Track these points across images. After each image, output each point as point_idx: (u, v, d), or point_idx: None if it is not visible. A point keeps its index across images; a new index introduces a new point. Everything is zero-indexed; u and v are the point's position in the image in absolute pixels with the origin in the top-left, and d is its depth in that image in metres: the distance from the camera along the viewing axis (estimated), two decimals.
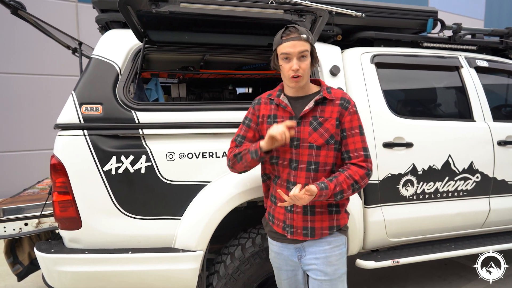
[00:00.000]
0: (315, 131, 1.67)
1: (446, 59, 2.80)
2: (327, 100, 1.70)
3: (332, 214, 1.73)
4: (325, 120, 1.68)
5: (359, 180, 1.64)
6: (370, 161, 1.68)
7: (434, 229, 2.66)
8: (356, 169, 1.64)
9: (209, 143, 2.13)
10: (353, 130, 1.68)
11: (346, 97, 1.71)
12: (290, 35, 1.63)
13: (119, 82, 2.08)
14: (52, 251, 1.98)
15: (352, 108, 1.69)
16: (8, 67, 6.10)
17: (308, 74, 1.68)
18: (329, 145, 1.67)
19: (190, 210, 2.07)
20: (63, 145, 1.96)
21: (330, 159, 1.69)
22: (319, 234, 1.71)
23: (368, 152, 1.69)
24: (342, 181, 1.61)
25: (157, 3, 1.88)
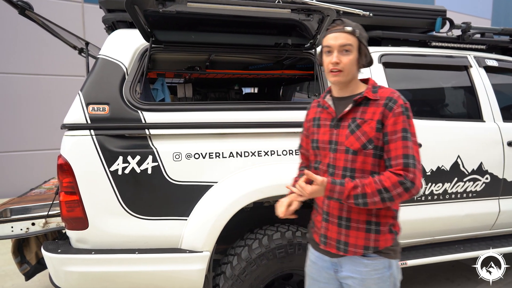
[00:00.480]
0: (352, 134, 1.50)
1: (455, 59, 2.77)
2: (371, 100, 1.50)
3: (370, 233, 1.49)
4: (364, 122, 1.49)
5: (390, 187, 1.38)
6: (412, 171, 1.39)
7: (443, 231, 2.63)
8: (390, 175, 1.40)
9: (216, 144, 2.11)
10: (396, 134, 1.43)
11: (393, 97, 1.47)
12: (334, 27, 1.51)
13: (125, 82, 2.08)
14: (59, 251, 1.98)
15: (398, 109, 1.44)
16: (10, 67, 6.13)
17: (351, 71, 1.50)
18: (367, 151, 1.47)
19: (196, 211, 2.06)
20: (70, 145, 1.96)
21: (368, 166, 1.48)
22: (352, 251, 1.51)
23: (411, 161, 1.40)
24: (367, 184, 1.40)
25: (164, 2, 1.87)
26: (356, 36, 1.49)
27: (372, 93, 1.51)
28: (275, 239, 2.17)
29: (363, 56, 1.52)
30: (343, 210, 1.52)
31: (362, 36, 1.51)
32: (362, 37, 1.51)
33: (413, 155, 1.41)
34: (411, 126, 1.46)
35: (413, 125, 1.47)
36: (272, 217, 2.58)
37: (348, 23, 1.51)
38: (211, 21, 2.19)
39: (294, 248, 2.17)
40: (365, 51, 1.52)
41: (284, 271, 2.21)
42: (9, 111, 6.17)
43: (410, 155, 1.41)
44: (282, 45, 2.47)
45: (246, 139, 2.17)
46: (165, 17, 2.00)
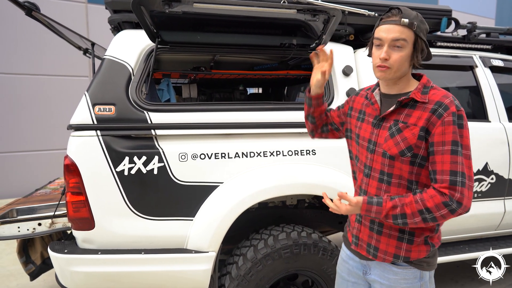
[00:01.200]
0: (391, 138, 1.39)
1: (460, 59, 2.76)
2: (418, 102, 1.36)
3: (402, 242, 1.41)
4: (406, 126, 1.36)
5: (433, 208, 1.26)
6: (460, 190, 1.25)
7: (448, 231, 2.63)
8: (434, 194, 1.28)
9: (221, 144, 2.12)
10: (444, 145, 1.28)
11: (444, 102, 1.31)
12: (389, 18, 1.36)
13: (131, 82, 2.08)
14: (65, 251, 1.98)
15: (448, 117, 1.28)
16: (12, 67, 6.15)
17: (401, 68, 1.35)
18: (404, 158, 1.35)
19: (202, 211, 2.06)
20: (76, 146, 1.96)
21: (405, 174, 1.38)
22: (382, 258, 1.44)
23: (460, 179, 1.26)
24: (407, 204, 1.30)
25: (170, 3, 1.88)
26: (413, 30, 1.33)
27: (421, 94, 1.36)
28: (280, 240, 2.17)
29: (419, 52, 1.36)
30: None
31: (420, 29, 1.34)
32: (420, 31, 1.34)
33: (463, 171, 1.27)
34: (464, 137, 1.30)
35: (466, 136, 1.31)
36: (277, 217, 2.58)
37: (406, 14, 1.34)
38: (216, 22, 2.19)
39: (300, 249, 2.17)
40: (422, 46, 1.36)
41: (289, 271, 2.22)
42: (11, 111, 6.20)
43: (459, 172, 1.27)
44: (287, 45, 2.47)
45: (252, 139, 2.17)
46: (171, 18, 2.00)
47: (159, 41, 2.14)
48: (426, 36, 1.38)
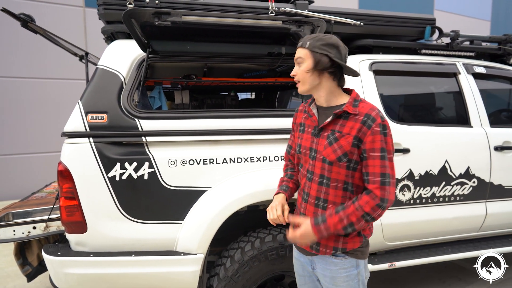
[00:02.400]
0: (329, 146, 1.58)
1: (444, 66, 2.85)
2: (350, 114, 1.56)
3: (339, 236, 1.61)
4: (341, 135, 1.56)
5: (370, 211, 1.49)
6: (388, 189, 1.49)
7: (431, 233, 2.71)
8: (368, 200, 1.50)
9: (210, 150, 2.20)
10: (374, 152, 1.51)
11: (372, 114, 1.52)
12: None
13: (123, 91, 2.16)
14: (59, 254, 2.06)
15: (376, 128, 1.50)
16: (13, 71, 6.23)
17: (305, 80, 1.59)
18: (341, 163, 1.56)
19: (191, 215, 2.15)
20: (69, 152, 2.04)
21: (342, 177, 1.58)
22: (323, 251, 1.64)
23: (387, 179, 1.50)
24: (350, 213, 1.51)
25: (160, 16, 1.96)
26: (306, 47, 1.57)
27: (353, 107, 1.57)
28: (266, 242, 2.25)
29: (318, 63, 1.55)
30: (317, 214, 1.61)
31: (313, 45, 1.56)
32: (313, 46, 1.56)
33: (389, 173, 1.51)
34: (388, 143, 1.54)
35: (390, 142, 1.55)
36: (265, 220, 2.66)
37: (303, 38, 1.62)
38: (205, 32, 2.28)
39: (285, 250, 2.25)
40: (318, 57, 1.55)
41: (275, 273, 2.30)
42: (10, 114, 6.27)
43: (387, 174, 1.50)
44: (276, 54, 2.55)
45: (239, 145, 2.25)
46: (161, 28, 2.08)
47: (150, 51, 2.22)
48: (327, 49, 1.55)
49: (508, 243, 2.89)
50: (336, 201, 1.60)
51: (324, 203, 1.62)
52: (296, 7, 2.51)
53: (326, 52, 1.54)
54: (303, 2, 2.52)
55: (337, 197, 1.60)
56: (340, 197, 1.60)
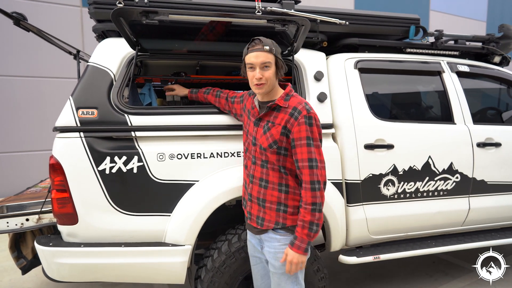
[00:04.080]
0: (264, 134, 1.85)
1: (429, 64, 2.92)
2: (281, 107, 1.82)
3: (279, 212, 1.86)
4: (273, 125, 1.82)
5: (314, 200, 1.74)
6: (316, 172, 1.75)
7: (415, 227, 2.78)
8: (305, 193, 1.76)
9: (197, 145, 2.27)
10: (301, 140, 1.76)
11: (298, 107, 1.78)
12: (254, 47, 1.80)
13: (113, 87, 2.23)
14: (50, 244, 2.13)
15: (301, 119, 1.75)
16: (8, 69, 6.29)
17: (271, 82, 1.83)
18: (272, 149, 1.82)
19: (179, 207, 2.21)
20: (61, 147, 2.11)
21: (274, 161, 1.84)
22: (266, 225, 1.88)
23: (315, 163, 1.75)
24: (304, 215, 1.75)
25: (148, 15, 2.03)
26: (273, 54, 1.79)
27: (284, 101, 1.83)
28: None
29: (280, 68, 1.84)
30: (260, 193, 1.89)
31: (277, 52, 1.82)
32: (277, 53, 1.82)
33: (316, 158, 1.76)
34: (314, 132, 1.77)
35: (315, 131, 1.78)
36: None
37: (265, 42, 1.80)
38: (193, 30, 2.34)
39: None
40: (281, 63, 1.83)
41: None
42: (6, 112, 6.33)
43: (314, 159, 1.76)
44: None
45: (226, 141, 2.33)
46: (150, 27, 2.15)
47: (139, 49, 2.29)
48: (281, 56, 1.87)
49: (491, 237, 2.97)
50: (274, 180, 1.86)
51: (266, 183, 1.88)
52: (283, 7, 2.58)
53: (281, 58, 1.86)
54: (289, 2, 2.59)
55: (274, 177, 1.86)
56: (277, 178, 1.86)
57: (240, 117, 2.22)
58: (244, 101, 2.15)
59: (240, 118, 2.22)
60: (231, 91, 2.34)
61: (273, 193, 1.86)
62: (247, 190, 2.00)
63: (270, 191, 1.87)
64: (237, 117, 2.27)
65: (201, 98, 2.43)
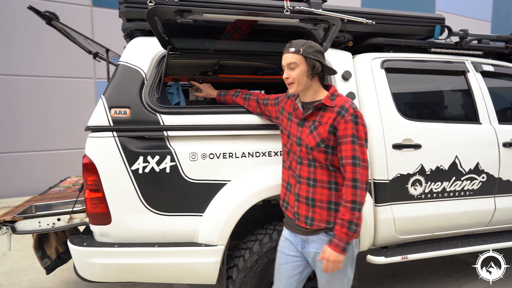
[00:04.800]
0: (310, 134, 1.85)
1: (453, 64, 2.91)
2: (328, 106, 1.83)
3: (331, 211, 1.85)
4: (320, 124, 1.83)
5: (354, 198, 1.73)
6: (358, 171, 1.74)
7: (441, 227, 2.78)
8: (345, 190, 1.76)
9: (229, 144, 2.26)
10: (346, 138, 1.76)
11: (345, 106, 1.79)
12: (284, 50, 1.90)
13: (145, 87, 2.22)
14: (84, 244, 2.12)
15: (348, 117, 1.76)
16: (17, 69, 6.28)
17: (300, 82, 1.85)
18: (319, 148, 1.82)
19: (211, 207, 2.21)
20: (94, 146, 2.10)
21: (322, 160, 1.84)
22: (317, 225, 1.86)
23: (358, 161, 1.75)
24: (343, 213, 1.74)
25: (182, 13, 2.02)
26: (300, 54, 1.83)
27: (330, 100, 1.84)
28: None
29: (311, 67, 1.83)
30: (309, 192, 1.87)
31: (306, 52, 1.82)
32: (307, 53, 1.82)
33: (359, 156, 1.76)
34: (359, 131, 1.77)
35: (361, 130, 1.78)
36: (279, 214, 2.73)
37: (293, 44, 1.86)
38: (219, 29, 2.34)
39: None
40: (312, 63, 1.83)
41: None
42: (15, 112, 6.31)
43: (357, 157, 1.75)
44: None
45: (257, 140, 2.32)
46: (182, 26, 2.14)
47: (170, 48, 2.28)
48: (318, 55, 1.85)
49: None
50: (323, 179, 1.85)
51: (314, 182, 1.86)
52: (310, 6, 2.57)
53: (318, 58, 1.84)
54: (317, 1, 2.58)
55: (323, 176, 1.85)
56: (326, 175, 1.85)
57: (275, 119, 2.20)
58: (280, 104, 2.14)
59: (276, 120, 2.20)
60: (260, 93, 2.33)
61: (322, 191, 1.85)
62: (294, 190, 1.96)
63: (320, 190, 1.86)
64: (271, 119, 2.26)
65: (230, 100, 2.42)
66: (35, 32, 6.18)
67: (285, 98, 2.13)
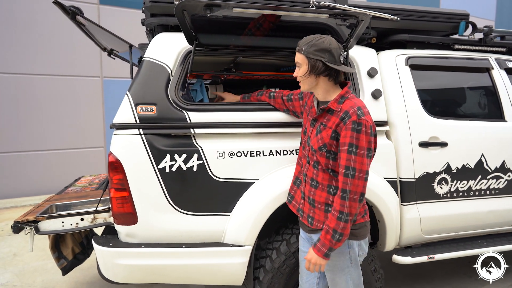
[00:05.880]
0: (316, 136, 1.82)
1: (477, 61, 2.87)
2: (334, 110, 1.76)
3: (327, 213, 1.80)
4: (324, 128, 1.78)
5: (341, 208, 1.67)
6: (350, 182, 1.65)
7: (467, 226, 2.73)
8: (335, 199, 1.71)
9: (256, 142, 2.21)
10: (344, 146, 1.68)
11: (349, 112, 1.69)
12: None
13: (170, 83, 2.16)
14: (110, 244, 2.07)
15: (349, 124, 1.66)
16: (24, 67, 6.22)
17: (305, 82, 1.81)
18: (321, 152, 1.77)
19: (239, 207, 2.16)
20: (120, 144, 2.05)
21: (323, 164, 1.80)
22: (315, 225, 1.85)
23: (352, 172, 1.65)
24: (330, 220, 1.70)
25: (212, 8, 1.96)
26: (301, 53, 1.76)
27: (337, 104, 1.76)
28: None
29: (312, 67, 1.74)
30: (311, 193, 1.86)
31: (307, 51, 1.73)
32: (308, 52, 1.73)
33: (354, 167, 1.66)
34: (360, 140, 1.65)
35: (362, 139, 1.66)
36: None
37: (300, 42, 1.79)
38: (242, 25, 2.28)
39: None
40: (313, 63, 1.73)
41: None
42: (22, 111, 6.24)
43: (351, 167, 1.66)
44: None
45: (284, 138, 2.27)
46: (210, 21, 2.09)
47: (196, 44, 2.22)
48: (321, 54, 1.72)
49: None
50: (324, 182, 1.81)
51: (316, 183, 1.84)
52: (336, 2, 2.53)
53: (320, 58, 1.72)
54: None
55: (324, 179, 1.81)
56: (327, 179, 1.81)
57: (300, 114, 2.17)
58: (304, 98, 2.11)
59: (300, 115, 2.17)
60: (285, 90, 2.28)
61: (321, 194, 1.82)
62: (301, 188, 1.97)
63: (319, 192, 1.83)
64: (297, 115, 2.22)
65: (254, 100, 2.38)
66: (40, 30, 6.11)
67: (309, 93, 2.08)
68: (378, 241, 2.60)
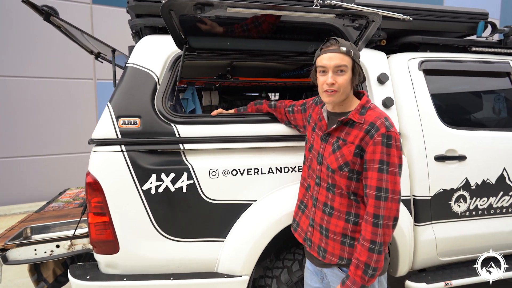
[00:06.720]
0: (333, 153, 1.55)
1: (497, 65, 2.62)
2: (356, 122, 1.51)
3: (344, 246, 1.55)
4: (344, 144, 1.52)
5: (373, 237, 1.42)
6: (384, 205, 1.42)
7: (486, 248, 2.48)
8: (365, 226, 1.45)
9: (254, 159, 1.97)
10: (373, 163, 1.44)
11: (376, 123, 1.46)
12: (329, 47, 1.53)
13: (157, 92, 1.92)
14: (87, 277, 1.82)
15: (378, 138, 1.43)
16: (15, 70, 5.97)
17: (345, 91, 1.53)
18: (342, 172, 1.51)
19: (234, 232, 1.91)
20: (99, 162, 1.81)
21: (344, 186, 1.53)
22: (329, 259, 1.59)
23: (385, 194, 1.42)
24: (359, 253, 1.45)
25: (203, 7, 1.72)
26: (351, 56, 1.50)
27: (359, 115, 1.52)
28: None
29: (357, 75, 1.53)
30: (323, 220, 1.59)
31: (356, 55, 1.53)
32: (356, 57, 1.52)
33: (387, 187, 1.42)
34: (391, 156, 1.43)
35: (394, 154, 1.44)
36: None
37: (343, 43, 1.51)
38: (245, 26, 2.04)
39: None
40: (359, 70, 1.53)
41: None
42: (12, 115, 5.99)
43: (383, 188, 1.42)
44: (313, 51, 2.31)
45: (286, 153, 2.02)
46: (201, 23, 1.84)
47: (186, 48, 1.98)
48: (359, 61, 1.55)
49: None
50: (341, 209, 1.55)
51: (331, 209, 1.58)
52: (342, 0, 2.28)
53: (360, 64, 1.55)
54: None
55: (342, 205, 1.55)
56: (346, 206, 1.55)
57: (302, 128, 1.92)
58: (308, 110, 1.85)
59: (302, 129, 1.91)
60: (286, 100, 2.04)
61: (338, 222, 1.55)
62: (309, 214, 1.70)
63: (335, 220, 1.56)
64: (298, 129, 1.97)
65: (252, 111, 2.13)
66: (31, 31, 5.86)
67: (313, 104, 1.84)
68: (389, 266, 2.35)
